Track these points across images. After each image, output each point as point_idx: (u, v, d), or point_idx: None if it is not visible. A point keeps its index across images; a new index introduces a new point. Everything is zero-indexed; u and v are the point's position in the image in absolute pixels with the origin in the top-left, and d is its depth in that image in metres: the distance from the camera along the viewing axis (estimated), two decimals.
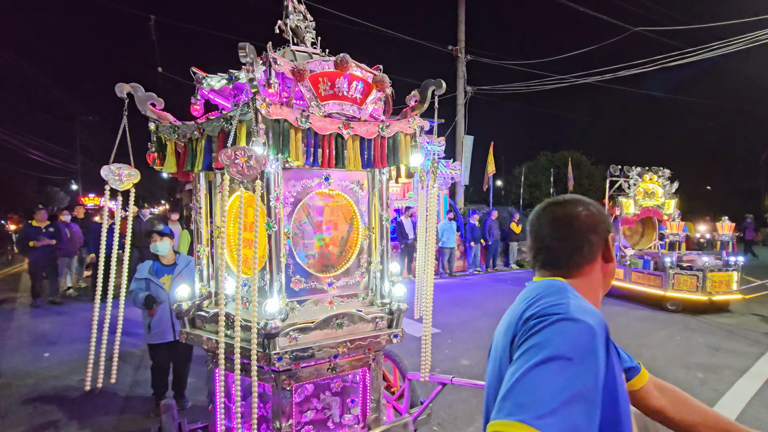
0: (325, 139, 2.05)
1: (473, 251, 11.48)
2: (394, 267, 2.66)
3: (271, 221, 2.03)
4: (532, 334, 0.82)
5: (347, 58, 2.03)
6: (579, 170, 18.54)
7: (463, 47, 13.65)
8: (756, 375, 4.53)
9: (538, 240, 1.06)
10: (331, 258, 2.38)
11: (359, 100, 2.21)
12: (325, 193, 2.34)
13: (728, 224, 7.91)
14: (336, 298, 2.33)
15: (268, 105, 1.86)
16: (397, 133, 2.23)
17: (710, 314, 7.06)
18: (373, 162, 2.18)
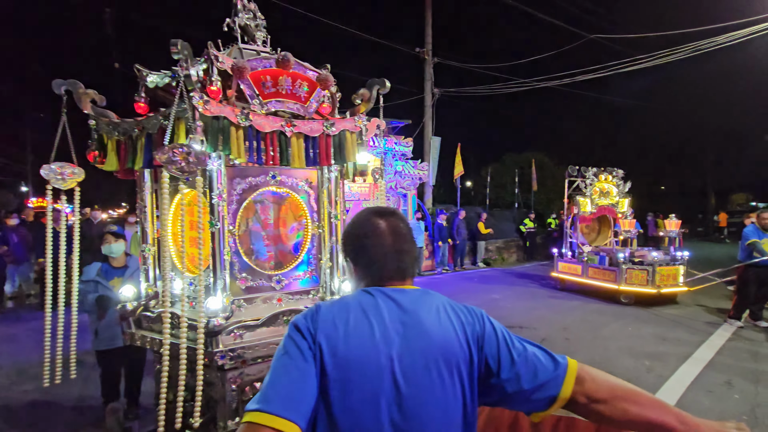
0: (267, 137, 2.05)
1: (441, 250, 11.67)
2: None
3: (214, 219, 2.02)
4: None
5: (289, 56, 2.05)
6: (542, 171, 19.18)
7: (430, 50, 13.87)
8: (697, 361, 4.86)
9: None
10: (280, 256, 2.38)
11: (303, 99, 2.22)
12: (273, 190, 2.35)
13: (675, 221, 8.42)
14: (285, 296, 2.33)
15: (206, 102, 1.85)
16: (343, 131, 2.25)
17: (659, 306, 7.50)
18: (318, 160, 2.19)
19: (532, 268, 12.63)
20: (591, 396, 0.98)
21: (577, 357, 3.61)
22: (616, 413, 0.98)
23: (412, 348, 0.95)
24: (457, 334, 1.00)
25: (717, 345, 5.42)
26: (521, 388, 0.98)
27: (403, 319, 0.99)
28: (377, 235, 1.07)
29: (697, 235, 25.45)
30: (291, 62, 2.07)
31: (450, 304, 1.07)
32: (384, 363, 0.93)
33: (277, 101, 2.14)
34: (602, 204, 9.09)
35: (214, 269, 2.02)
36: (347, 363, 0.92)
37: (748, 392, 4.03)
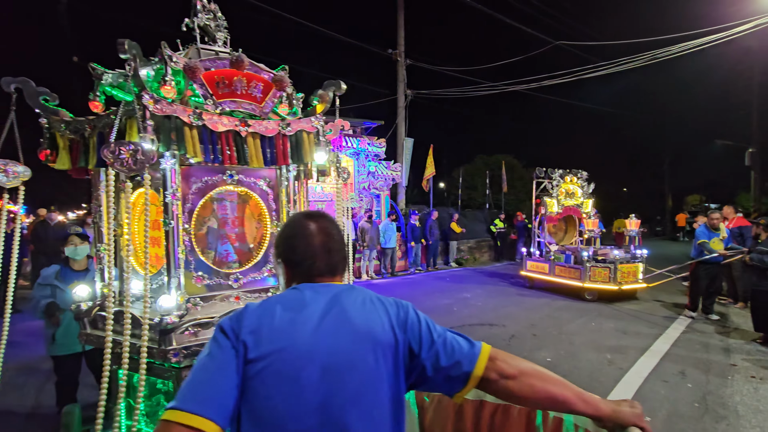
0: (222, 136, 2.06)
1: (414, 251, 11.77)
2: None
3: (168, 218, 2.02)
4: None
5: (243, 57, 2.09)
6: (512, 173, 19.68)
7: (402, 51, 13.97)
8: (654, 353, 5.11)
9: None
10: (239, 254, 2.38)
11: (259, 99, 2.24)
12: (231, 190, 2.36)
13: (635, 220, 8.84)
14: (244, 294, 2.33)
15: (156, 101, 1.85)
16: (300, 131, 2.28)
17: (620, 302, 7.85)
18: (276, 159, 2.21)
19: (502, 268, 12.94)
20: (502, 372, 1.04)
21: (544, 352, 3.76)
22: (524, 389, 1.04)
23: (338, 337, 1.00)
24: (383, 321, 1.05)
25: (672, 337, 5.73)
26: (440, 365, 1.04)
27: (329, 311, 1.03)
28: (307, 236, 1.14)
29: (656, 235, 26.82)
30: (245, 63, 2.09)
31: (377, 296, 1.13)
32: (309, 353, 0.96)
33: (231, 101, 2.16)
34: (568, 204, 9.44)
35: (168, 268, 2.03)
36: (272, 356, 0.94)
37: (700, 381, 4.28)
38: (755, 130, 18.53)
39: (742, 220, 7.90)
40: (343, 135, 11.32)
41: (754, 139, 18.53)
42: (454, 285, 9.94)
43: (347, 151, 11.46)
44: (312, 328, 1.00)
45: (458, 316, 6.84)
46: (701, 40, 8.87)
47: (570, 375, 4.40)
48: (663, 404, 3.77)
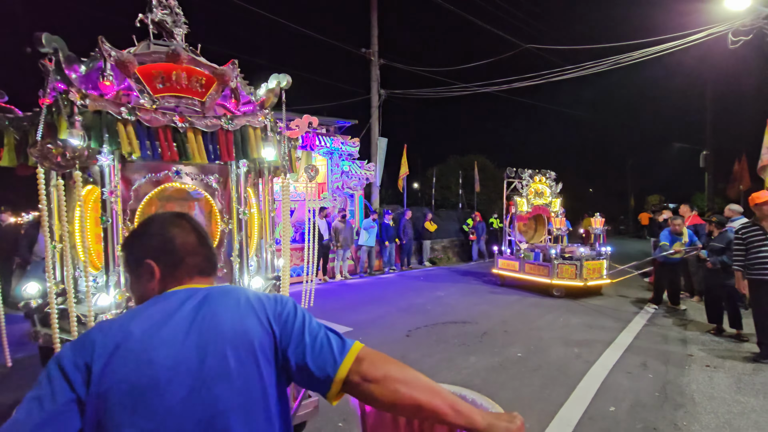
0: (161, 132, 2.01)
1: (388, 250, 11.78)
2: (280, 262, 2.75)
3: (105, 215, 2.00)
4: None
5: (179, 50, 2.05)
6: (484, 173, 20.03)
7: (376, 50, 13.96)
8: (618, 346, 5.32)
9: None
10: None
11: (201, 94, 2.20)
12: (179, 186, 2.31)
13: (600, 219, 9.19)
14: None
15: (84, 97, 1.81)
16: (245, 126, 2.22)
17: (587, 298, 8.13)
18: (219, 155, 2.16)
19: (475, 266, 13.15)
20: (365, 375, 0.98)
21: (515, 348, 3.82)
22: (387, 393, 0.96)
23: (208, 345, 0.94)
24: (260, 320, 1.01)
25: (635, 331, 5.98)
26: (304, 363, 0.99)
27: (198, 318, 0.97)
28: (175, 235, 1.07)
29: (620, 233, 28.02)
30: (182, 56, 2.05)
31: (255, 294, 1.08)
32: (176, 370, 0.90)
33: (171, 96, 2.12)
34: (537, 203, 9.70)
35: (106, 266, 2.00)
36: (130, 383, 0.86)
37: (660, 372, 4.48)
38: (709, 134, 19.64)
39: (696, 218, 8.37)
40: (317, 134, 11.19)
41: (708, 142, 19.64)
42: (428, 284, 10.02)
43: (320, 150, 11.34)
44: (179, 341, 0.92)
45: (432, 315, 6.90)
46: (660, 47, 9.32)
47: (540, 369, 4.52)
48: (627, 395, 3.92)
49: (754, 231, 4.66)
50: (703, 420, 3.43)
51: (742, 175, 13.49)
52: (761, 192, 4.85)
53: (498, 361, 4.76)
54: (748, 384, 4.11)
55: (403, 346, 5.31)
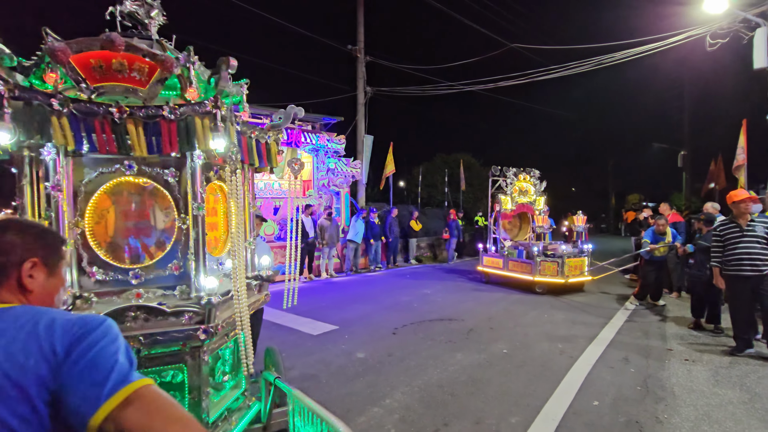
0: (97, 124, 1.94)
1: (374, 248, 11.75)
2: (264, 260, 2.65)
3: (49, 210, 1.95)
4: None
5: (114, 37, 1.96)
6: (470, 172, 20.17)
7: (362, 48, 13.89)
8: (601, 341, 5.41)
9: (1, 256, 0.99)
10: (142, 249, 2.26)
11: (143, 83, 2.11)
12: (132, 180, 2.22)
13: (582, 217, 9.33)
14: (145, 291, 2.23)
15: (12, 89, 1.76)
16: (191, 116, 2.11)
17: (570, 294, 8.25)
18: (162, 147, 2.08)
19: (461, 264, 13.22)
20: (122, 427, 0.79)
21: (500, 344, 3.82)
22: None
23: None
24: (42, 348, 0.83)
25: (617, 326, 6.09)
26: (66, 401, 0.81)
27: None
28: None
29: (601, 231, 28.61)
30: (117, 43, 1.95)
31: (51, 317, 0.90)
32: None
33: (112, 86, 2.05)
34: (521, 202, 9.79)
35: None
36: None
37: (641, 366, 4.56)
38: (687, 134, 20.18)
39: (676, 216, 8.59)
40: (302, 130, 11.07)
41: (686, 142, 20.19)
42: (414, 282, 10.03)
43: (306, 147, 11.22)
44: None
45: (418, 312, 6.89)
46: (642, 48, 9.51)
47: (525, 365, 4.55)
48: (609, 389, 3.98)
49: (731, 228, 4.78)
50: (683, 412, 3.51)
51: (718, 174, 13.91)
52: (739, 190, 4.98)
53: (484, 357, 4.78)
54: (725, 377, 4.22)
55: (389, 344, 5.29)
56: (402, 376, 4.26)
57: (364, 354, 4.95)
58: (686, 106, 20.47)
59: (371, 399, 3.77)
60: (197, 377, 2.19)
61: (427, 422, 3.37)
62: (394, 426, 3.30)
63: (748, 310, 4.81)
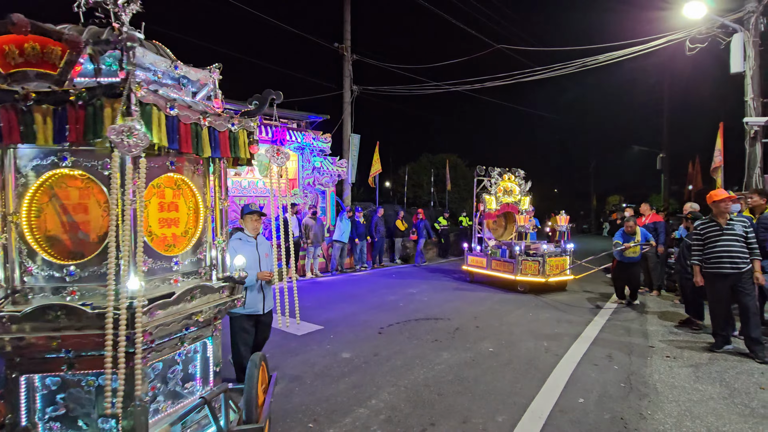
0: (2, 112, 1.84)
1: (359, 248, 11.66)
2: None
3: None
4: None
5: (16, 18, 1.79)
6: (455, 172, 20.29)
7: (349, 46, 13.79)
8: (585, 339, 5.45)
9: None
10: (80, 245, 2.17)
11: (56, 66, 1.99)
12: (68, 173, 2.12)
13: (564, 216, 9.44)
14: (80, 289, 2.16)
15: None
16: (98, 100, 1.91)
17: (553, 293, 8.33)
18: (67, 135, 1.92)
19: (446, 264, 13.25)
20: None
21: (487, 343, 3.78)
22: None
23: None
24: None
25: (600, 324, 6.16)
26: None
27: None
28: None
29: (582, 232, 29.13)
30: (21, 24, 1.79)
31: None
32: None
33: (24, 72, 1.94)
34: (506, 201, 9.85)
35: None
36: None
37: (624, 363, 4.61)
38: (666, 137, 20.70)
39: (656, 216, 8.76)
40: (287, 128, 10.92)
41: (665, 145, 20.70)
42: (400, 281, 9.99)
43: (291, 146, 11.07)
44: None
45: (404, 312, 6.85)
46: (624, 51, 9.68)
47: (511, 363, 4.55)
48: (594, 386, 4.00)
49: (711, 227, 4.88)
50: (666, 408, 3.54)
51: (695, 176, 14.29)
52: (719, 190, 5.09)
53: (470, 356, 4.76)
54: (706, 373, 4.30)
55: (375, 344, 5.22)
56: (388, 376, 4.20)
57: (349, 354, 4.87)
58: (665, 109, 21.01)
59: (357, 400, 3.70)
60: (129, 385, 2.03)
61: (413, 422, 3.31)
62: (380, 427, 3.24)
63: (726, 307, 4.92)
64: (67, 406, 2.07)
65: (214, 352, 2.61)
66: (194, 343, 2.48)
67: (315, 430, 3.20)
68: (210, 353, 2.60)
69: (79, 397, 2.06)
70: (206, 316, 2.37)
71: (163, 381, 2.31)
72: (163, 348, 2.24)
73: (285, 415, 3.41)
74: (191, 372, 2.51)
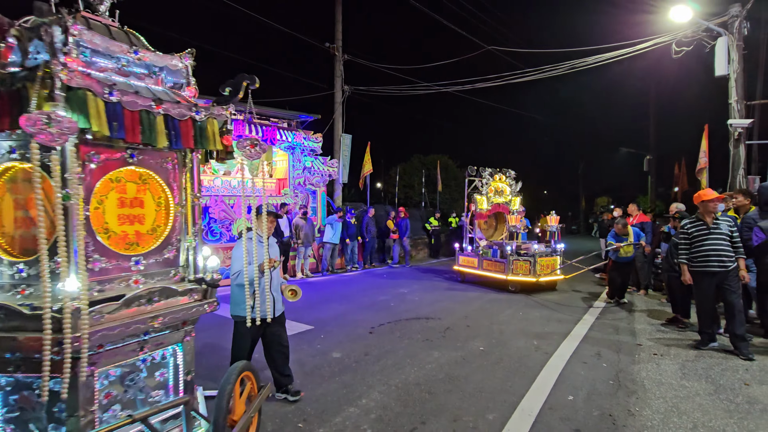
0: None
1: (350, 248, 11.62)
2: (211, 261, 2.45)
3: None
4: None
5: None
6: (446, 173, 20.36)
7: (340, 46, 13.75)
8: (574, 337, 5.50)
9: None
10: (34, 242, 2.05)
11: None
12: (20, 168, 2.00)
13: (555, 217, 9.52)
14: (28, 287, 2.07)
15: None
16: (22, 84, 1.75)
17: (543, 293, 8.39)
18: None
19: (438, 264, 13.27)
20: None
21: (478, 341, 3.77)
22: None
23: None
24: None
25: (589, 322, 6.22)
26: None
27: None
28: None
29: (571, 233, 29.42)
30: None
31: None
32: None
33: None
34: (497, 202, 9.90)
35: None
36: None
37: (613, 360, 4.66)
38: (652, 139, 21.04)
39: (643, 216, 8.90)
40: (278, 128, 10.84)
41: (651, 147, 21.04)
42: (391, 282, 9.97)
43: (282, 145, 10.99)
44: None
45: (395, 311, 6.84)
46: (612, 54, 9.82)
47: (501, 361, 4.56)
48: (584, 384, 4.03)
49: (698, 226, 4.95)
50: (653, 405, 3.58)
51: (681, 177, 14.54)
52: (707, 190, 5.17)
53: (461, 355, 4.76)
54: (692, 370, 4.35)
55: (366, 343, 5.20)
56: (379, 376, 4.18)
57: (340, 354, 4.84)
58: (652, 111, 21.36)
59: (347, 399, 3.67)
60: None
61: (404, 421, 3.30)
62: (371, 426, 3.22)
63: (712, 305, 5.00)
64: (21, 408, 1.97)
65: (184, 359, 2.41)
66: (158, 349, 2.29)
67: (305, 429, 3.17)
68: (180, 360, 2.40)
69: (30, 400, 1.96)
70: (168, 321, 2.19)
71: (122, 389, 2.15)
72: (116, 355, 2.09)
73: (275, 414, 3.37)
74: (161, 380, 2.34)
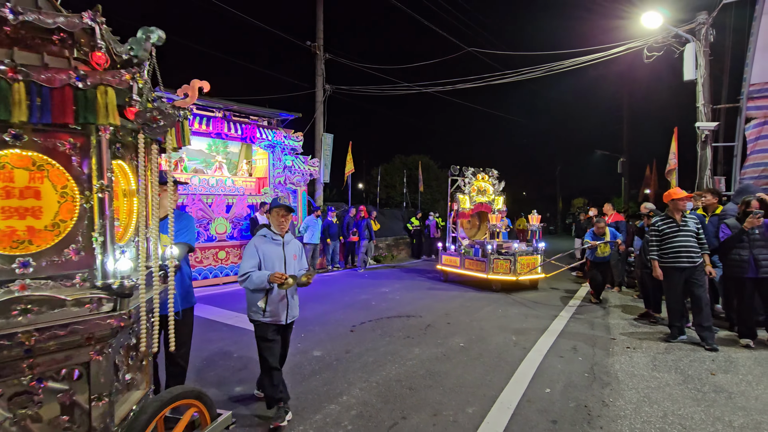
0: None
1: (331, 248, 11.56)
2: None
3: None
4: None
5: None
6: (428, 173, 20.52)
7: (321, 45, 13.69)
8: (551, 332, 5.62)
9: None
10: None
11: None
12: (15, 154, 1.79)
13: (536, 216, 9.71)
14: None
15: None
16: None
17: (523, 291, 8.55)
18: None
19: (419, 264, 13.34)
20: None
21: (458, 338, 3.81)
22: None
23: None
24: None
25: (566, 318, 6.37)
26: None
27: None
28: None
29: (549, 233, 30.09)
30: None
31: None
32: None
33: None
34: (480, 201, 10.02)
35: None
36: None
37: (588, 354, 4.78)
38: (626, 142, 21.71)
39: (618, 216, 9.17)
40: (257, 126, 10.69)
41: (625, 150, 21.71)
42: (373, 281, 9.97)
43: (262, 143, 10.85)
44: None
45: (377, 310, 6.84)
46: (587, 57, 10.11)
47: (481, 357, 4.62)
48: (560, 376, 4.12)
49: (669, 223, 5.15)
50: (626, 395, 3.69)
51: (652, 179, 15.06)
52: (677, 189, 5.38)
53: (441, 351, 4.80)
54: (662, 362, 4.51)
55: (348, 341, 5.18)
56: (360, 373, 4.17)
57: (320, 352, 4.81)
58: (625, 114, 22.07)
59: (328, 396, 3.65)
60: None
61: (384, 416, 3.30)
62: (351, 422, 3.21)
63: (680, 299, 5.20)
64: None
65: (94, 381, 1.93)
66: (51, 372, 1.84)
67: (285, 427, 3.13)
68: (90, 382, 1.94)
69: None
70: (49, 338, 1.78)
71: None
72: None
73: (253, 412, 3.32)
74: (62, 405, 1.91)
